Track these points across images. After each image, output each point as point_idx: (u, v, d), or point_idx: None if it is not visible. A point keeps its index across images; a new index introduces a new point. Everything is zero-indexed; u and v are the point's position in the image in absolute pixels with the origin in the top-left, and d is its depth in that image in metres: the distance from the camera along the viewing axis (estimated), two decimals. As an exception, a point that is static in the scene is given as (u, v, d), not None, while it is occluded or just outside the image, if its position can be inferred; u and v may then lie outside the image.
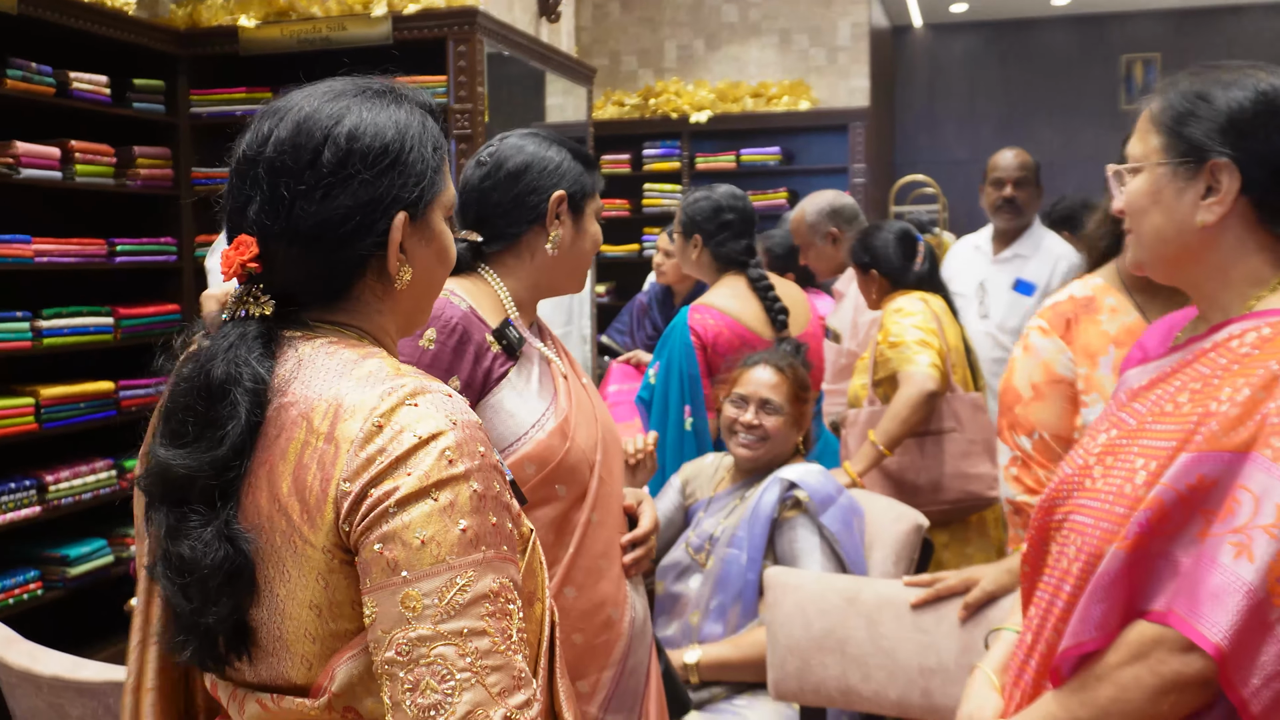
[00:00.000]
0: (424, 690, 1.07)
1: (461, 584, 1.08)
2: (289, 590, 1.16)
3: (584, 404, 1.98)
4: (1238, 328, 1.46)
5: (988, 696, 1.64)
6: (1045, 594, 1.54)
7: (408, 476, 1.10)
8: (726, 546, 2.78)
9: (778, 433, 2.85)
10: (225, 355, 1.18)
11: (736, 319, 3.28)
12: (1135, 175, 1.53)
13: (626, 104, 7.84)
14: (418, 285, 1.27)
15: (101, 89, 4.10)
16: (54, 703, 1.85)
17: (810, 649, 2.31)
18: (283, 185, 1.19)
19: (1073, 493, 1.52)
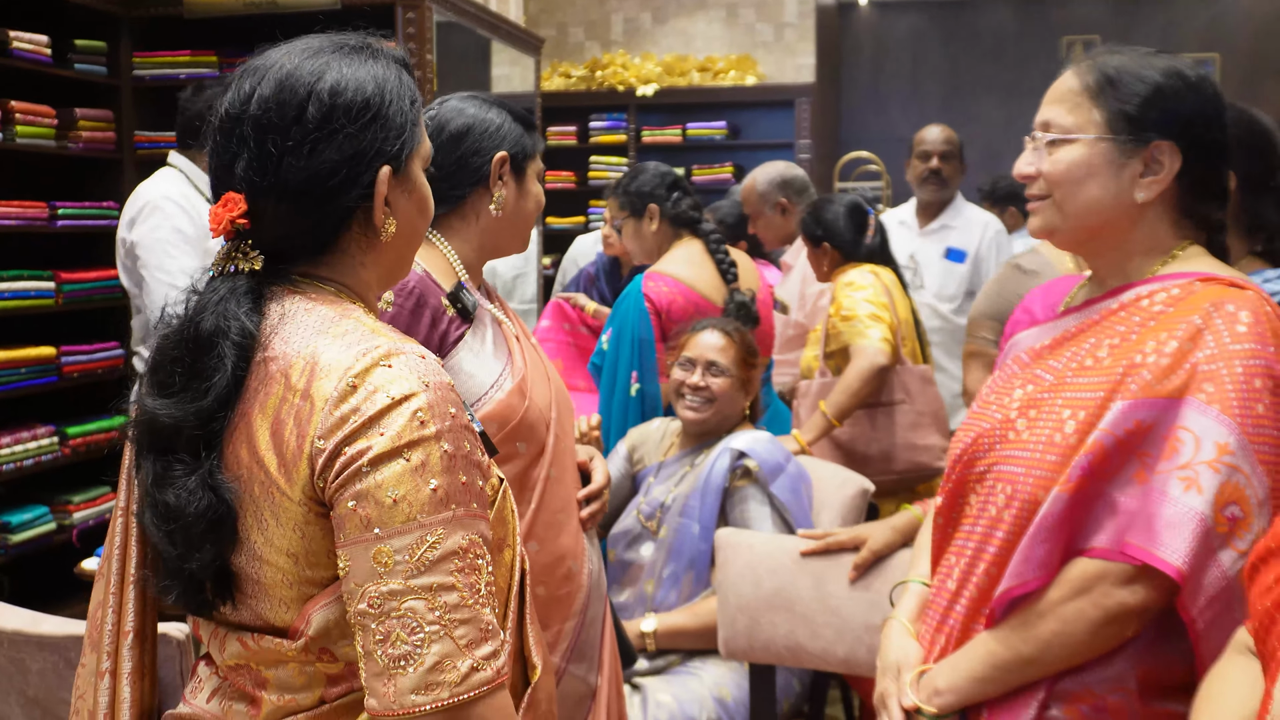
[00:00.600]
0: (394, 641, 1.12)
1: (431, 541, 1.13)
2: (266, 538, 1.20)
3: (536, 364, 2.03)
4: (1144, 289, 1.58)
5: (908, 644, 1.70)
6: (970, 542, 1.62)
7: (380, 436, 1.14)
8: (679, 516, 2.82)
9: (724, 395, 2.89)
10: (215, 309, 1.21)
11: (691, 286, 3.30)
12: (1066, 146, 1.59)
13: (573, 76, 7.83)
14: (401, 237, 1.30)
15: (42, 49, 4.03)
16: (14, 657, 1.85)
17: (759, 608, 2.36)
18: (269, 141, 1.21)
19: (994, 445, 1.60)
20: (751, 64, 7.63)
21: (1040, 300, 1.82)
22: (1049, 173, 1.60)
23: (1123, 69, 1.59)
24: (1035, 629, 1.51)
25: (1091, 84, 1.59)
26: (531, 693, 1.35)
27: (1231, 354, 1.47)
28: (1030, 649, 1.51)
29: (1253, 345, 1.47)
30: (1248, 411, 1.44)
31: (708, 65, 7.67)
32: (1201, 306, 1.51)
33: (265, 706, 1.25)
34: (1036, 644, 1.51)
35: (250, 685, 1.27)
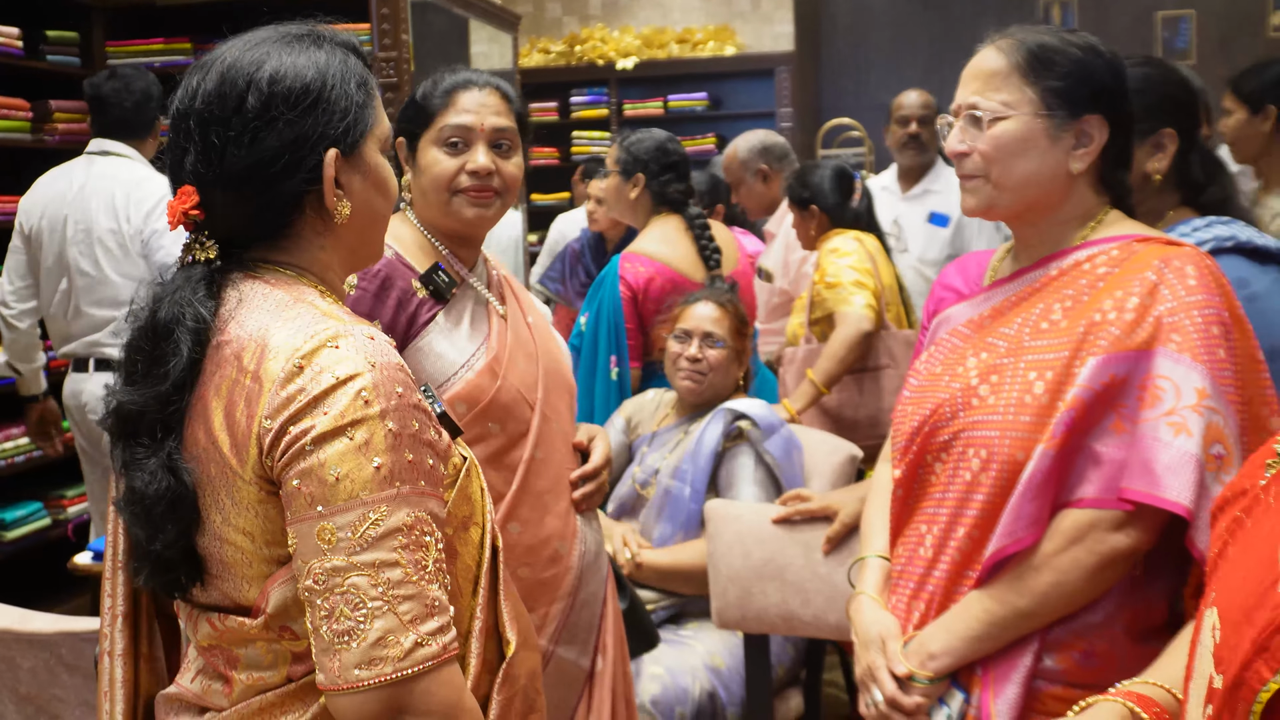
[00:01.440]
0: (338, 617, 1.14)
1: (374, 518, 1.15)
2: (224, 518, 1.23)
3: (524, 342, 2.01)
4: (1082, 254, 1.67)
5: (883, 616, 1.71)
6: (944, 509, 1.65)
7: (324, 415, 1.16)
8: (670, 478, 2.83)
9: (720, 366, 2.90)
10: (171, 298, 1.25)
11: (666, 263, 3.30)
12: (1002, 122, 1.64)
13: (552, 51, 7.80)
14: (359, 218, 1.32)
15: (13, 41, 4.00)
16: (4, 655, 1.85)
17: (750, 578, 2.37)
18: (213, 134, 1.24)
19: (957, 413, 1.65)
20: (730, 34, 7.60)
21: (960, 277, 1.86)
22: (986, 150, 1.65)
23: (1048, 47, 1.65)
24: (1031, 582, 1.55)
25: (1020, 62, 1.65)
26: (506, 667, 1.37)
27: (1189, 305, 1.55)
28: (1027, 602, 1.55)
29: (1204, 295, 1.55)
30: (1213, 356, 1.53)
31: (686, 37, 7.64)
32: (1150, 263, 1.60)
33: (236, 686, 1.28)
34: (1034, 597, 1.55)
35: (223, 665, 1.29)
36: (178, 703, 1.34)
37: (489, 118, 1.96)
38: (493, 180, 1.96)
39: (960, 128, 1.68)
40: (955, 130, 1.69)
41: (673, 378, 2.96)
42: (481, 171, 1.94)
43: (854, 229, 3.52)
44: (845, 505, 2.36)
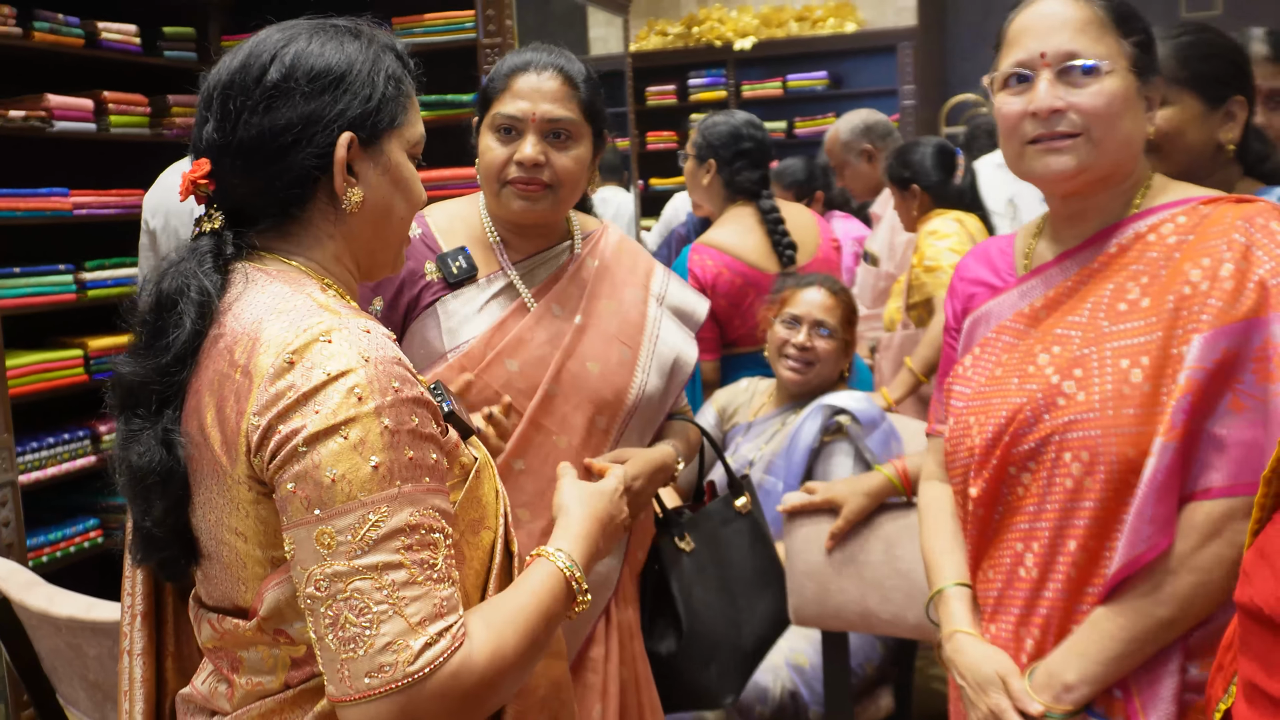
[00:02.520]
0: (343, 625, 1.09)
1: (374, 520, 1.10)
2: (217, 516, 1.20)
3: (541, 344, 1.88)
4: (1142, 225, 1.53)
5: (993, 651, 1.57)
6: (1044, 523, 1.51)
7: (315, 414, 1.11)
8: (764, 473, 2.76)
9: (828, 356, 2.82)
10: (176, 268, 1.24)
11: (737, 256, 3.20)
12: (1105, 77, 1.50)
13: (670, 33, 7.74)
14: (371, 212, 1.29)
15: (131, 38, 4.10)
16: (72, 642, 1.90)
17: (828, 574, 2.29)
18: (230, 101, 1.24)
19: (1041, 416, 1.50)
20: (850, 10, 7.43)
21: (984, 268, 1.71)
22: (1092, 106, 1.49)
23: (1124, 2, 1.55)
24: (1170, 588, 1.42)
25: (1104, 15, 1.52)
26: None
27: None
28: (1169, 610, 1.43)
29: None
30: None
31: (805, 14, 7.50)
32: (1233, 224, 1.47)
33: (238, 690, 1.25)
34: (1176, 603, 1.42)
35: (226, 668, 1.27)
36: (191, 703, 1.33)
37: (542, 105, 1.85)
38: (541, 173, 1.86)
39: (1050, 80, 1.49)
40: (1045, 84, 1.49)
41: (775, 364, 2.88)
42: (528, 163, 1.84)
43: (957, 208, 3.39)
44: (849, 500, 2.27)
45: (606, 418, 1.92)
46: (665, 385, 1.99)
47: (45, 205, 3.73)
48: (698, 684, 2.07)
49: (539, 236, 1.97)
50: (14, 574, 2.04)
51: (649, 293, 2.02)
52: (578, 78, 1.90)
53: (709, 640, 2.07)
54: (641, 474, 1.89)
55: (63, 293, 3.82)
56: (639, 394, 1.94)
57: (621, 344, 1.95)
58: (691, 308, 2.10)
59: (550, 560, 1.29)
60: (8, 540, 3.30)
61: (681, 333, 2.06)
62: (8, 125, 3.54)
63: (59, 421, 3.88)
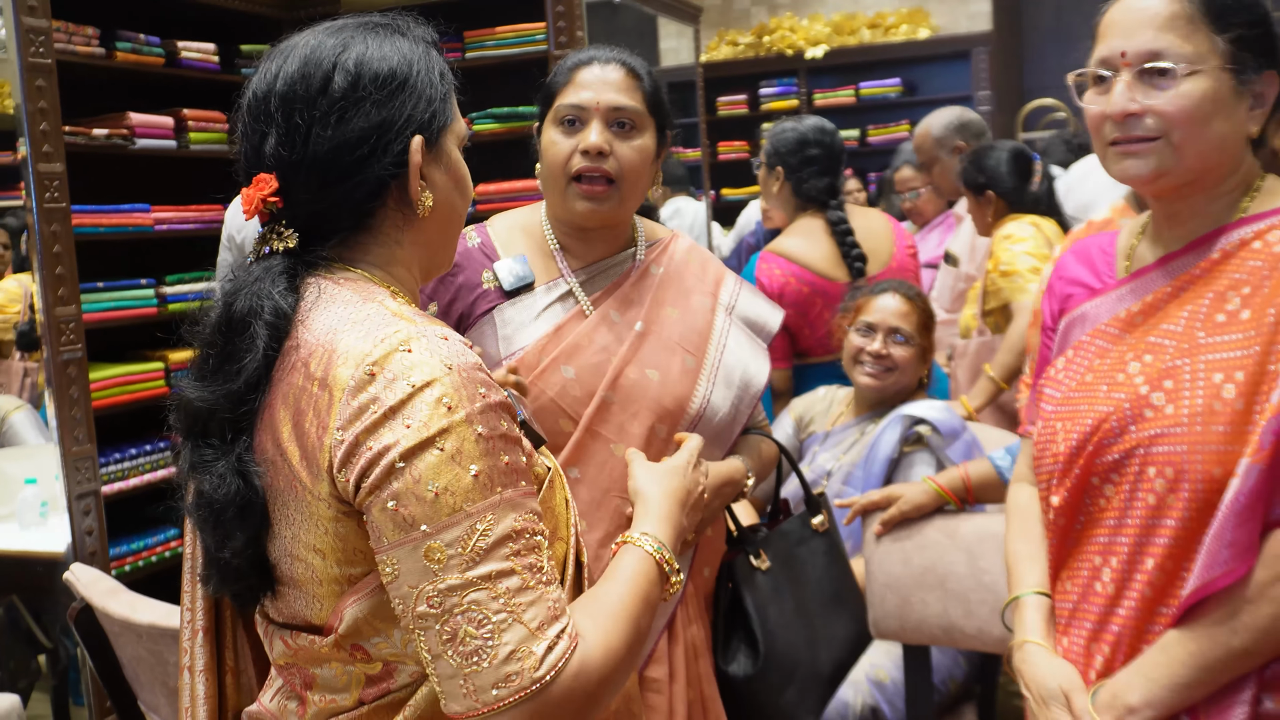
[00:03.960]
0: (463, 639, 1.06)
1: (482, 529, 1.07)
2: (293, 533, 1.16)
3: (597, 351, 1.84)
4: (1248, 231, 1.45)
5: (1061, 664, 1.51)
6: (1124, 538, 1.44)
7: (407, 429, 1.07)
8: (842, 484, 2.72)
9: (906, 364, 2.77)
10: (249, 289, 1.18)
11: (805, 265, 3.15)
12: (1190, 78, 1.42)
13: (740, 43, 7.72)
14: (439, 215, 1.26)
15: (210, 57, 4.17)
16: (153, 650, 1.91)
17: (910, 586, 2.24)
18: (297, 114, 1.18)
19: (1128, 427, 1.43)
20: (924, 16, 7.35)
21: (1083, 268, 1.63)
22: (1173, 110, 1.42)
23: None
24: (1247, 617, 1.35)
25: (1196, 9, 1.43)
26: None
27: None
28: (1244, 640, 1.35)
29: None
30: None
31: (878, 21, 7.43)
32: None
33: (310, 707, 1.22)
34: (1252, 633, 1.34)
35: (299, 684, 1.25)
36: None
37: (607, 94, 1.82)
38: (605, 162, 1.81)
39: (1128, 83, 1.43)
40: (1121, 86, 1.43)
41: (851, 372, 2.83)
42: (592, 150, 1.80)
43: (1033, 214, 3.31)
44: (907, 494, 2.26)
45: (667, 427, 1.85)
46: (733, 398, 1.92)
47: (128, 221, 3.81)
48: (774, 707, 2.00)
49: (601, 242, 1.92)
50: (97, 581, 2.07)
51: (718, 301, 1.97)
52: (640, 70, 1.88)
53: (787, 661, 2.00)
54: (708, 488, 1.81)
55: (144, 306, 3.89)
56: (702, 404, 1.88)
57: (685, 352, 1.89)
58: (763, 319, 2.04)
59: (637, 545, 1.26)
60: (91, 549, 3.36)
61: (752, 345, 2.00)
62: (91, 144, 3.62)
63: (140, 433, 3.95)
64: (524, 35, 4.24)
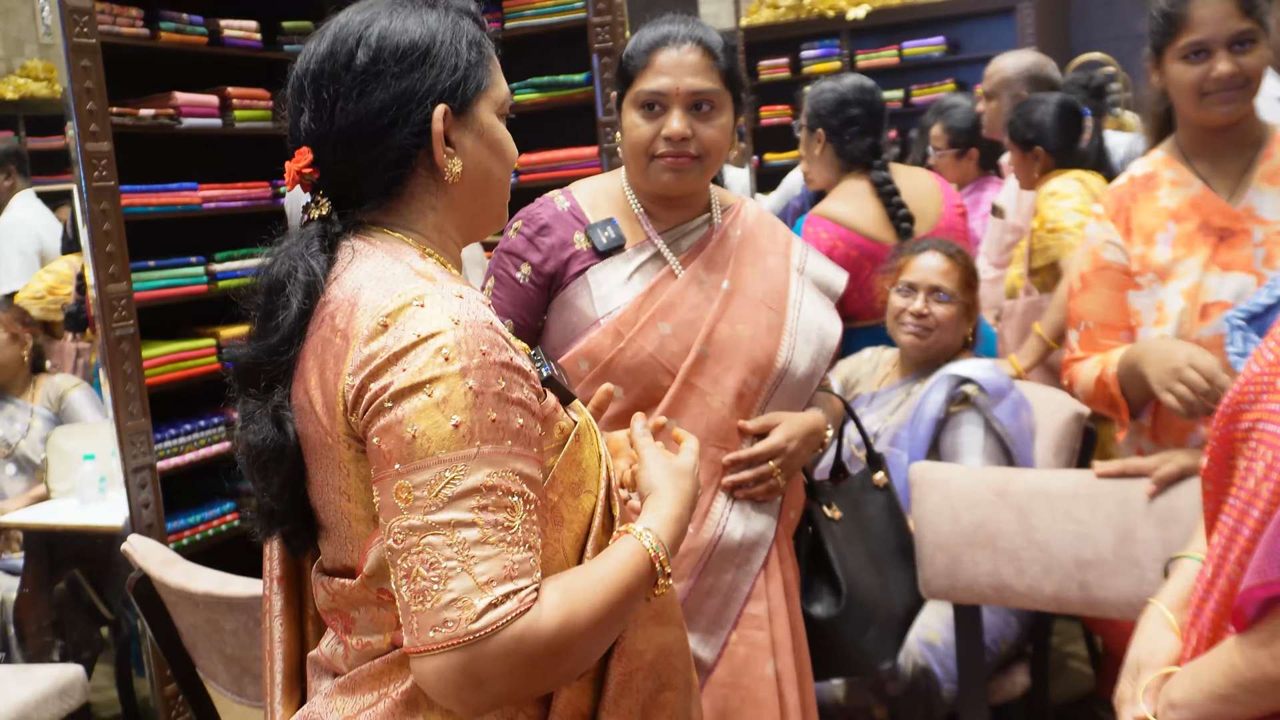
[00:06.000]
0: (415, 577, 1.11)
1: (450, 477, 1.12)
2: (324, 478, 1.24)
3: (691, 308, 1.93)
4: None
5: (1162, 637, 1.47)
6: (1230, 518, 1.33)
7: (402, 372, 1.14)
8: (889, 445, 2.70)
9: (948, 322, 2.74)
10: (285, 253, 1.28)
11: (852, 228, 3.11)
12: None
13: (781, 6, 7.64)
14: (472, 179, 1.31)
15: (252, 34, 4.19)
16: (210, 618, 1.95)
17: (959, 545, 2.22)
18: (324, 90, 1.26)
19: (1261, 396, 1.31)
20: (967, -28, 7.23)
21: None
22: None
23: None
24: None
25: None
26: (621, 642, 1.32)
27: None
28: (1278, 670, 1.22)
29: None
30: None
31: (921, -21, 7.32)
32: None
33: (350, 651, 1.28)
34: None
35: (340, 629, 1.30)
36: (317, 665, 1.36)
37: (685, 79, 1.88)
38: (689, 146, 1.90)
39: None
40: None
41: (895, 333, 2.82)
42: (676, 138, 1.88)
43: (1079, 169, 3.25)
44: (1175, 456, 2.05)
45: (757, 380, 1.96)
46: (811, 354, 2.02)
47: (176, 200, 3.84)
48: (856, 648, 2.09)
49: (682, 208, 2.01)
50: (153, 552, 2.11)
51: (789, 263, 2.06)
52: (716, 47, 1.92)
53: (868, 603, 2.11)
54: (796, 435, 1.96)
55: (195, 284, 3.93)
56: (787, 358, 1.98)
57: (769, 309, 1.99)
58: (830, 279, 2.13)
59: (638, 539, 1.28)
60: (148, 521, 3.42)
61: (823, 304, 2.09)
62: (138, 124, 3.65)
63: (194, 409, 4.00)
64: (562, 4, 4.22)
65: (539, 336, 1.99)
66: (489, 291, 1.98)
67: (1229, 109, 2.05)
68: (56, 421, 4.30)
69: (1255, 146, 2.12)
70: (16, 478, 4.26)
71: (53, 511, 3.85)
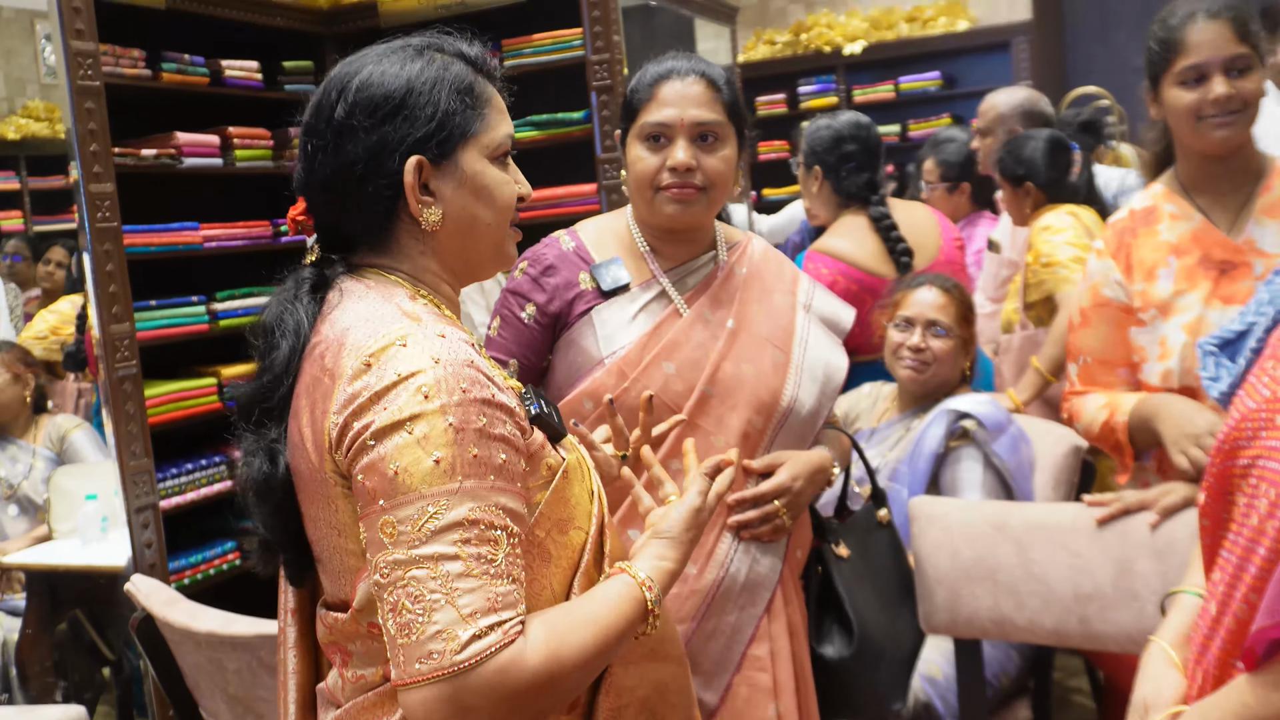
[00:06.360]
0: (400, 610, 1.13)
1: (433, 512, 1.14)
2: (317, 513, 1.27)
3: (694, 346, 1.93)
4: None
5: (1166, 675, 1.46)
6: (1233, 555, 1.33)
7: (384, 411, 1.17)
8: (888, 480, 2.71)
9: (946, 356, 2.75)
10: (279, 298, 1.34)
11: (852, 263, 3.13)
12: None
13: (777, 42, 7.71)
14: (455, 226, 1.33)
15: (253, 74, 4.23)
16: (213, 657, 1.95)
17: (959, 579, 2.23)
18: (309, 142, 1.32)
19: (1259, 432, 1.31)
20: (961, 8, 7.30)
21: None
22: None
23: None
24: None
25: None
26: (609, 677, 1.33)
27: None
28: None
29: None
30: None
31: (916, 15, 7.39)
32: None
33: (346, 684, 1.31)
34: None
35: (339, 662, 1.33)
36: (324, 696, 1.39)
37: (689, 110, 1.88)
38: (694, 177, 1.90)
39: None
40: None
41: (893, 367, 2.83)
42: (680, 168, 1.88)
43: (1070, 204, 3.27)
44: (1176, 488, 2.07)
45: (762, 419, 1.95)
46: (817, 392, 2.01)
47: (177, 239, 3.86)
48: (870, 688, 2.07)
49: (688, 243, 2.01)
50: (157, 591, 2.11)
51: (796, 300, 2.06)
52: (719, 80, 1.94)
53: (877, 644, 2.09)
54: (801, 474, 1.94)
55: (196, 323, 3.94)
56: (792, 397, 1.97)
57: (774, 347, 1.98)
58: (837, 316, 2.13)
59: (632, 577, 1.30)
60: (151, 561, 3.42)
61: (829, 340, 2.08)
62: (140, 164, 3.68)
63: (195, 448, 4.01)
64: (561, 41, 4.27)
65: (544, 376, 2.00)
66: (495, 330, 1.99)
67: (1226, 133, 2.06)
68: (58, 462, 4.30)
69: (1255, 179, 2.13)
70: (19, 518, 4.26)
71: (55, 552, 3.85)
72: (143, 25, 3.79)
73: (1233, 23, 2.04)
